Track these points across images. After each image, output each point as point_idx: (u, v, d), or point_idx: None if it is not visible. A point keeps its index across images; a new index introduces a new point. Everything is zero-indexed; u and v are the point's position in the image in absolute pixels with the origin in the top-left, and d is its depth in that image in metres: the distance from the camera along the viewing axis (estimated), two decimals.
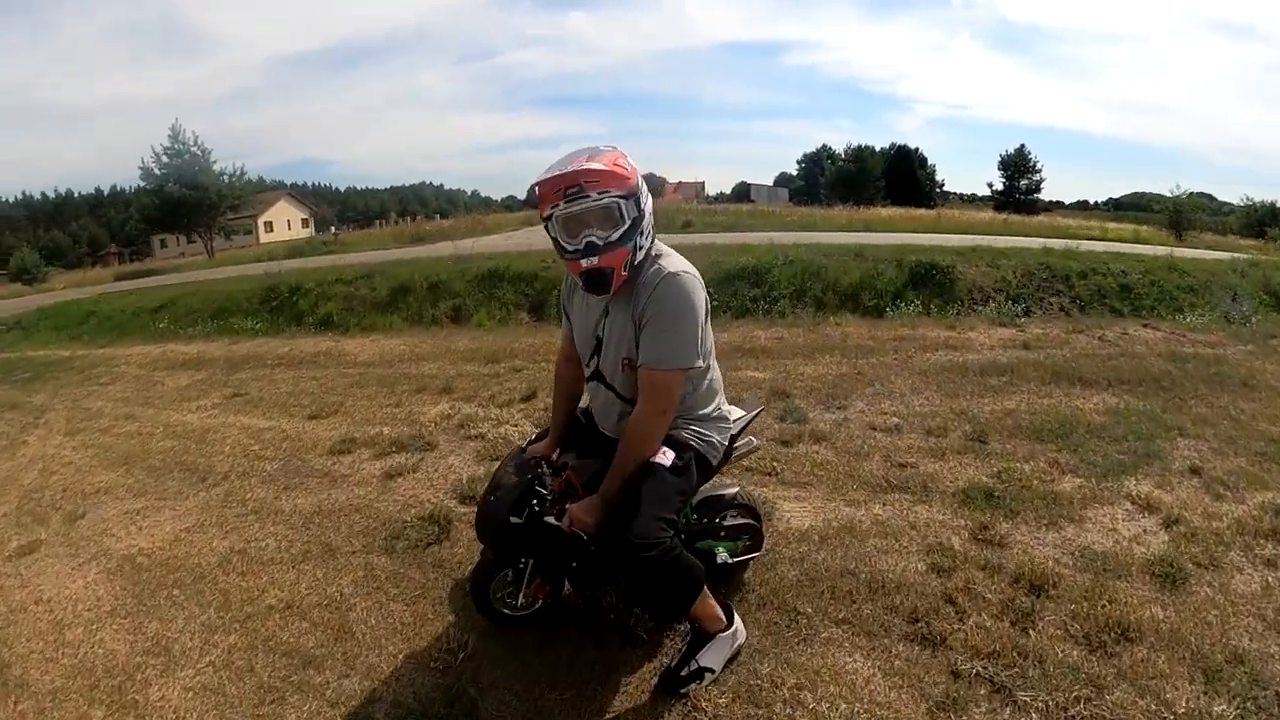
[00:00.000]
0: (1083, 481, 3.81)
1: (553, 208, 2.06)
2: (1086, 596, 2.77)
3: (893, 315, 8.39)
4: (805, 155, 70.19)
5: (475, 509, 2.62)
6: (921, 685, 2.37)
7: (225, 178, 35.06)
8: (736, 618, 2.48)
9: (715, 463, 2.41)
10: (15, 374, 9.14)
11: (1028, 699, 2.28)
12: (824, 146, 65.95)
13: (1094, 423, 4.68)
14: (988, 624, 2.62)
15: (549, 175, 2.03)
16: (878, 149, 60.67)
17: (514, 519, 2.21)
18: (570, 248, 2.11)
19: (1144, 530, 3.33)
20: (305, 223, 60.76)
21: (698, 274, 2.20)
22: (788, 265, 9.52)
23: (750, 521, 2.83)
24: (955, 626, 2.61)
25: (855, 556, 3.09)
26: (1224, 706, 2.21)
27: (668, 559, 2.07)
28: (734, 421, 2.54)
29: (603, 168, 2.02)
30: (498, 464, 2.71)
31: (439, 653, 2.59)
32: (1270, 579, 2.92)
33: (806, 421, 4.84)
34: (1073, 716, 2.21)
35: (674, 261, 2.19)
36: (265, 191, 55.36)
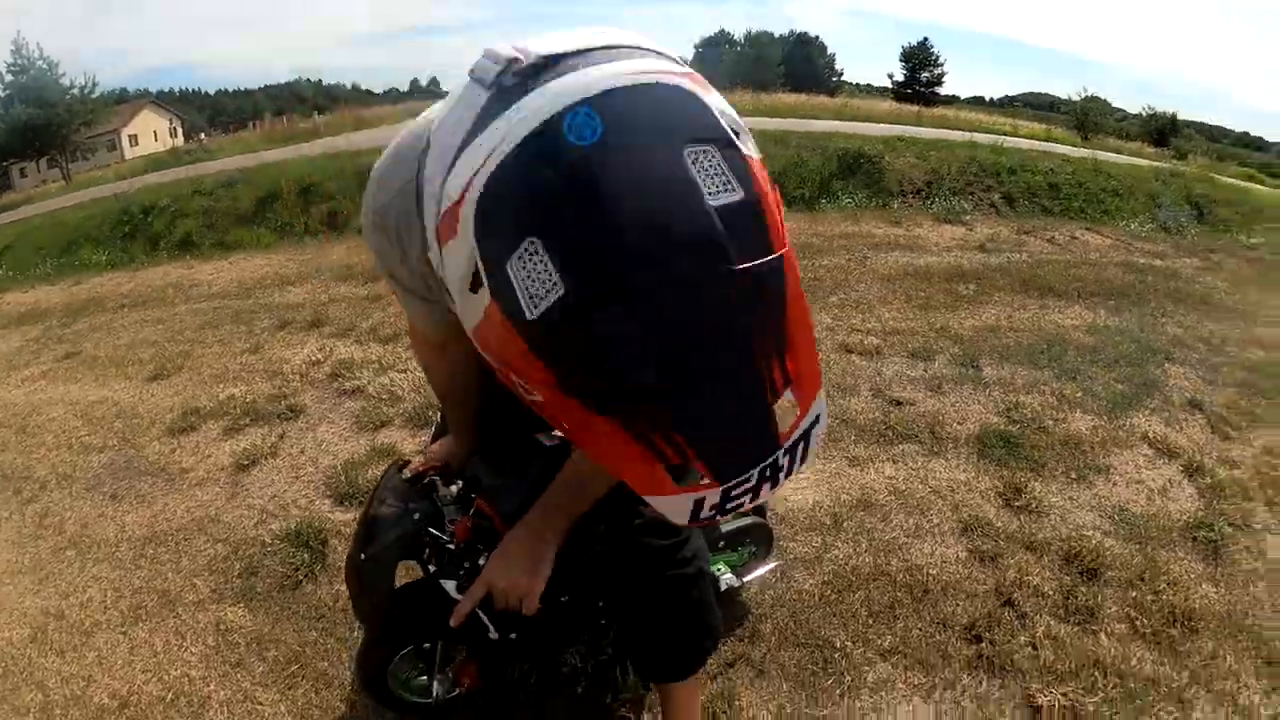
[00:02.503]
0: (1095, 420, 3.59)
1: None
2: (1143, 578, 2.55)
3: (828, 207, 8.10)
4: (703, 39, 68.88)
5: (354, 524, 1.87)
6: None
7: (75, 91, 32.12)
8: None
9: None
10: None
11: None
12: (722, 31, 65.24)
13: (1082, 344, 4.51)
14: (1055, 631, 2.30)
15: None
16: (776, 35, 61.08)
17: (400, 589, 1.55)
18: None
19: (1169, 482, 3.17)
20: (174, 132, 55.09)
21: None
22: None
23: (756, 521, 2.22)
24: (1021, 640, 2.26)
25: (884, 546, 2.67)
26: None
27: (702, 583, 1.55)
28: None
29: None
30: (372, 490, 1.68)
31: None
32: None
33: None
34: None
35: None
36: (127, 103, 52.05)
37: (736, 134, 0.60)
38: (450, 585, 1.44)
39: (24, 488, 3.45)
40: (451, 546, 1.45)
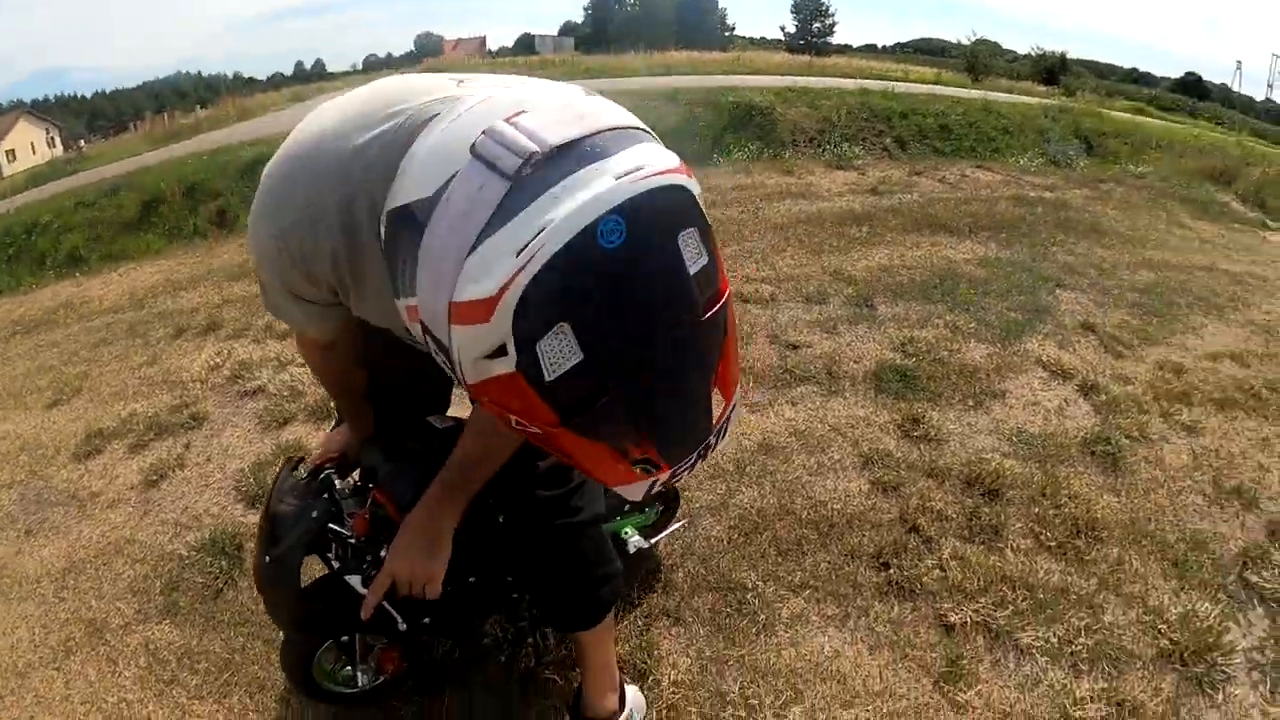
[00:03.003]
0: (989, 348, 3.62)
1: None
2: (1044, 494, 2.59)
3: (720, 162, 8.03)
4: (591, 2, 67.61)
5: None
6: (916, 654, 1.98)
7: None
8: (630, 692, 1.81)
9: None
10: None
11: (1030, 640, 2.03)
12: None
13: (974, 276, 4.56)
14: (962, 551, 2.30)
15: None
16: None
17: (308, 587, 1.52)
18: None
19: (1065, 401, 3.23)
20: (51, 142, 50.56)
21: None
22: None
23: None
24: (929, 564, 2.25)
25: (787, 487, 2.61)
26: (1207, 605, 2.16)
27: (594, 531, 1.57)
28: None
29: None
30: (271, 485, 1.65)
31: None
32: (1195, 447, 2.97)
33: None
34: (1079, 650, 2.01)
35: None
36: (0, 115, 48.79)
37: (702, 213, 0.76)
38: (355, 580, 1.43)
39: None
40: (353, 541, 1.44)
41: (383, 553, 1.38)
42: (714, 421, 0.81)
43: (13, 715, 2.18)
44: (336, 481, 1.52)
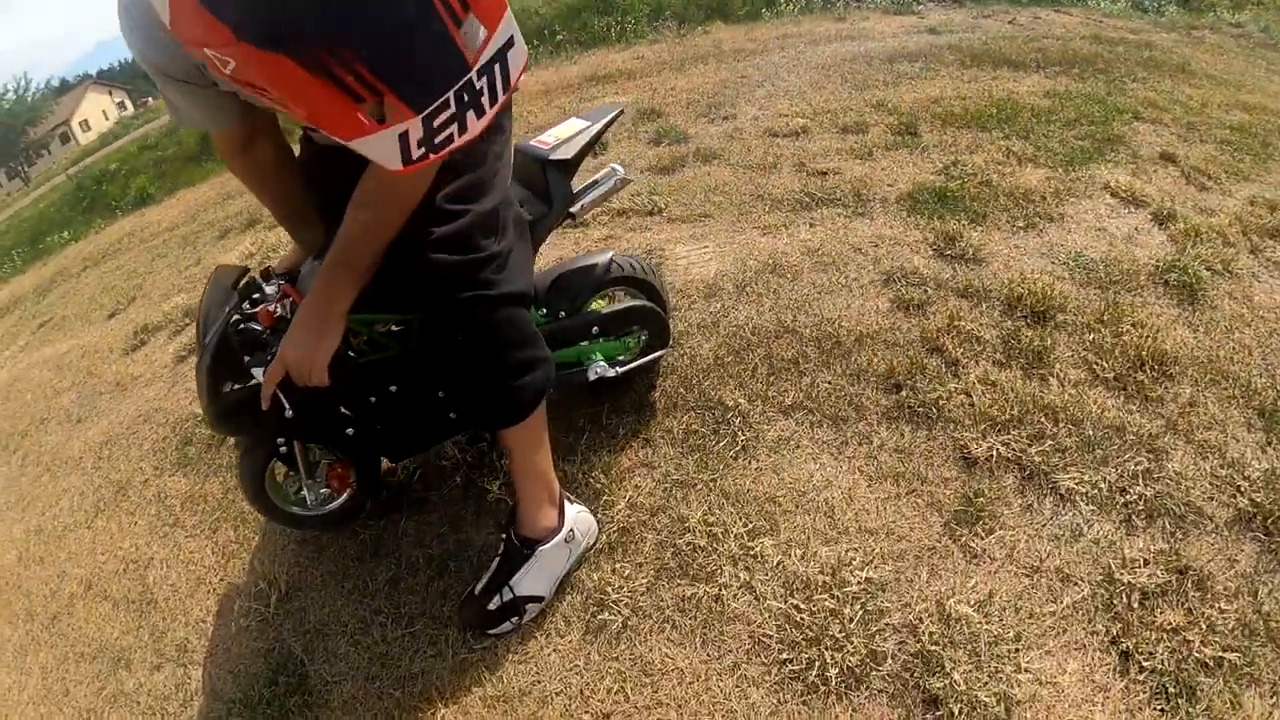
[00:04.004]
0: (1048, 172, 3.07)
1: None
2: (1103, 320, 2.12)
3: (767, 16, 7.32)
4: None
5: None
6: (926, 489, 1.61)
7: (10, 95, 31.87)
8: (573, 511, 1.60)
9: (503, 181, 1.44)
10: None
11: (1072, 483, 1.63)
12: None
13: (1037, 106, 3.92)
14: (994, 376, 1.87)
15: None
16: None
17: (227, 387, 1.49)
18: None
19: (1136, 229, 2.70)
20: (122, 106, 52.07)
21: None
22: None
23: (641, 303, 1.84)
24: (953, 388, 1.83)
25: (791, 305, 2.20)
26: None
27: (508, 310, 1.39)
28: (566, 140, 1.67)
29: None
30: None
31: (250, 600, 1.89)
32: None
33: (688, 140, 3.86)
34: (1134, 500, 1.59)
35: None
36: (69, 91, 50.85)
37: None
38: (259, 372, 1.40)
39: (10, 442, 3.64)
40: (264, 335, 1.42)
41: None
42: (472, 57, 0.77)
43: (49, 573, 2.41)
44: (267, 288, 1.47)
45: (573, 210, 1.67)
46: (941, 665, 1.30)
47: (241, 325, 1.43)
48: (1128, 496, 1.59)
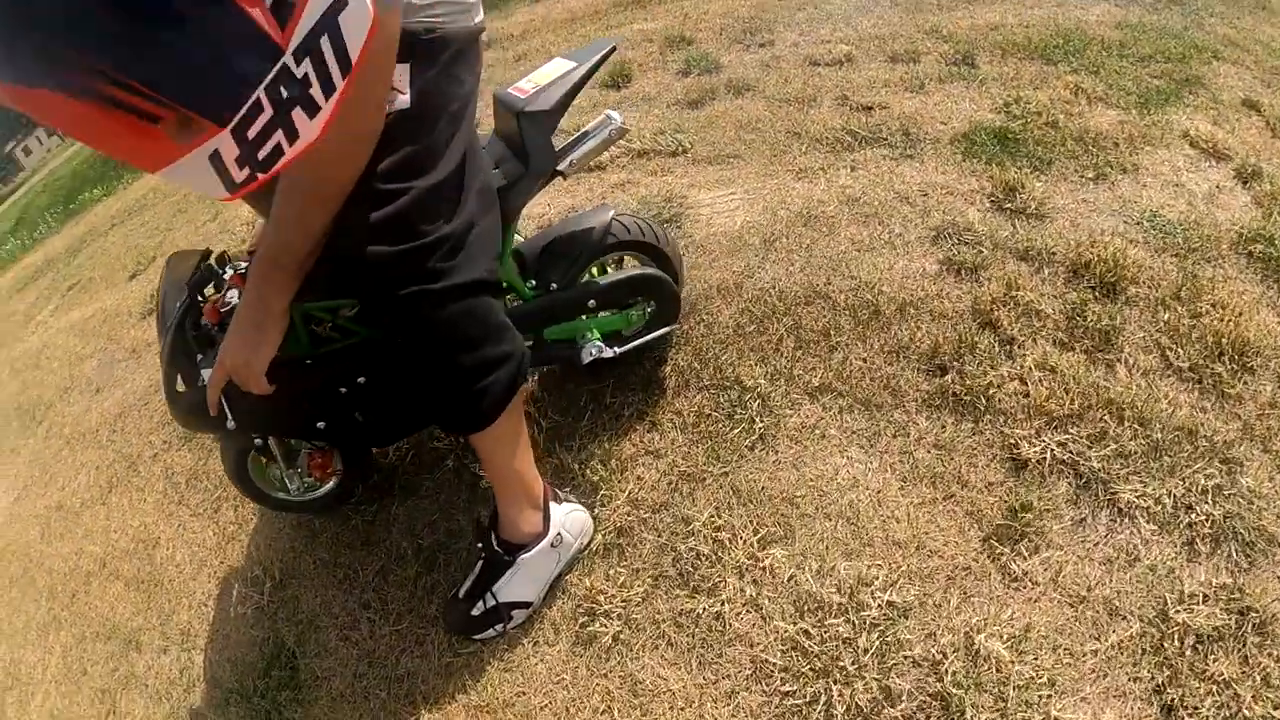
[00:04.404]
0: (1120, 114, 2.74)
1: None
2: (1179, 297, 1.85)
3: None
4: None
5: None
6: (968, 496, 1.40)
7: None
8: (562, 512, 1.44)
9: (452, 123, 1.20)
10: None
11: (1133, 495, 1.41)
12: None
13: (1108, 39, 3.53)
14: (1055, 361, 1.63)
15: None
16: None
17: (182, 388, 1.39)
18: None
19: (1218, 186, 2.39)
20: None
21: None
22: None
23: (647, 271, 1.61)
24: (1005, 372, 1.60)
25: (825, 264, 1.95)
26: None
27: (462, 303, 1.20)
28: (547, 86, 1.41)
29: None
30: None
31: (247, 587, 1.87)
32: None
33: (719, 69, 3.51)
34: (1199, 522, 1.38)
35: None
36: None
37: None
38: (206, 374, 1.31)
39: (37, 412, 3.65)
40: (212, 331, 1.35)
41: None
42: (282, 35, 0.63)
43: (68, 550, 2.42)
44: (227, 272, 1.40)
45: (560, 167, 1.43)
46: (962, 712, 1.13)
47: (191, 323, 1.37)
48: (1193, 515, 1.38)
